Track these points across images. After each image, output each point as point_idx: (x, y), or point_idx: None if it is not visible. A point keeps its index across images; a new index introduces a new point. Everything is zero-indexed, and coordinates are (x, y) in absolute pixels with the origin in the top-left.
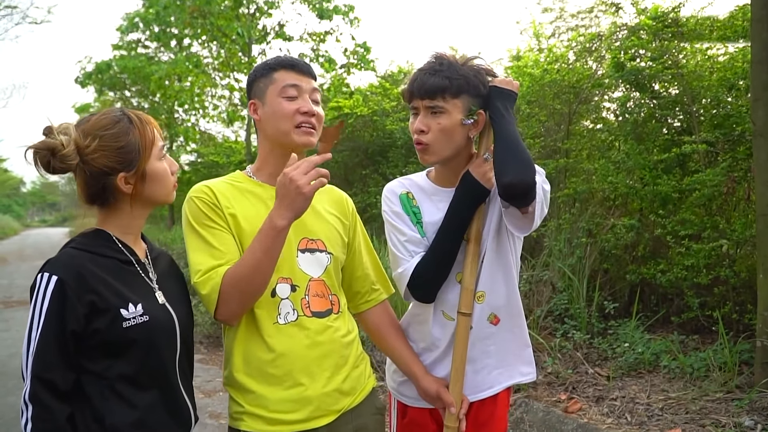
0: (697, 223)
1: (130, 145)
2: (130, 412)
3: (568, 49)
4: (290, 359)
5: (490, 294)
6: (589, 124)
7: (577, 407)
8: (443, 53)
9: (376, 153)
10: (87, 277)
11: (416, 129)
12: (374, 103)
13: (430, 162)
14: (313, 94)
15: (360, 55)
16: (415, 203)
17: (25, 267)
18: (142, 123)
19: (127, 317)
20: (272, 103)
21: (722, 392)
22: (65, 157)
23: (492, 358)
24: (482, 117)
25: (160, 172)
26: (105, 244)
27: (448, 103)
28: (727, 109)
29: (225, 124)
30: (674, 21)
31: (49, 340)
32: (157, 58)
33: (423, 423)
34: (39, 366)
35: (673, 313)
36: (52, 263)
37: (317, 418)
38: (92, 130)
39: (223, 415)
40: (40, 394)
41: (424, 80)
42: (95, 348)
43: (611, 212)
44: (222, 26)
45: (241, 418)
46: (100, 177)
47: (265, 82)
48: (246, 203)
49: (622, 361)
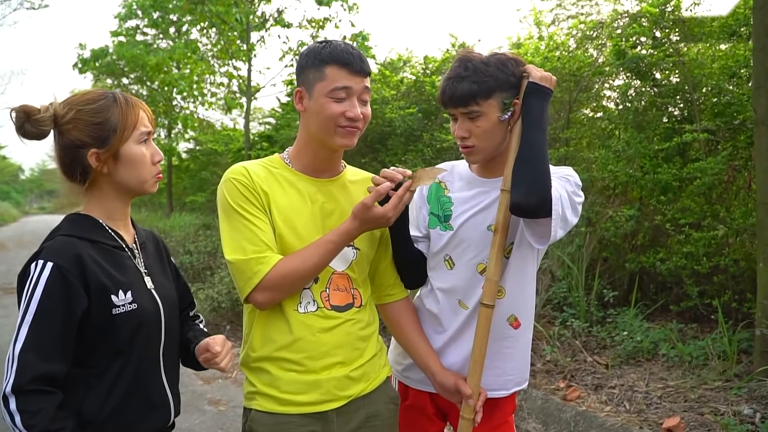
0: (697, 212)
1: (107, 122)
2: (107, 401)
3: (569, 37)
4: (305, 345)
5: (511, 292)
6: (590, 112)
7: (576, 395)
8: (467, 54)
9: (376, 141)
10: (85, 260)
11: (458, 136)
12: (374, 91)
13: (478, 161)
14: (363, 95)
15: (359, 42)
16: (446, 193)
17: (25, 254)
18: (128, 104)
19: (117, 304)
20: (319, 101)
21: (721, 381)
22: (38, 122)
23: (507, 362)
24: (518, 106)
25: (136, 156)
26: (94, 230)
27: (482, 106)
28: (728, 97)
29: (223, 111)
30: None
31: (48, 329)
32: (156, 45)
33: (423, 406)
34: (32, 357)
35: (672, 302)
36: (46, 251)
37: (327, 401)
38: (73, 103)
39: (222, 402)
40: (32, 385)
41: (454, 89)
42: (80, 333)
43: (611, 201)
44: (221, 12)
45: (254, 397)
46: (71, 149)
47: (316, 76)
48: (280, 191)
49: (621, 349)
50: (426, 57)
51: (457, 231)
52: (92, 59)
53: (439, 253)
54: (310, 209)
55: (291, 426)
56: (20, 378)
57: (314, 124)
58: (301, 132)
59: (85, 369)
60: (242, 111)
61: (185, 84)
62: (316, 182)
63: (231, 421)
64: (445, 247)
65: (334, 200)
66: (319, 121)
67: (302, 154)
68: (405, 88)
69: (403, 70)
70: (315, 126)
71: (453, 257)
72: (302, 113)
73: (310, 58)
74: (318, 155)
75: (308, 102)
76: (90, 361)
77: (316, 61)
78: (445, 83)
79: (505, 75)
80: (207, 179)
